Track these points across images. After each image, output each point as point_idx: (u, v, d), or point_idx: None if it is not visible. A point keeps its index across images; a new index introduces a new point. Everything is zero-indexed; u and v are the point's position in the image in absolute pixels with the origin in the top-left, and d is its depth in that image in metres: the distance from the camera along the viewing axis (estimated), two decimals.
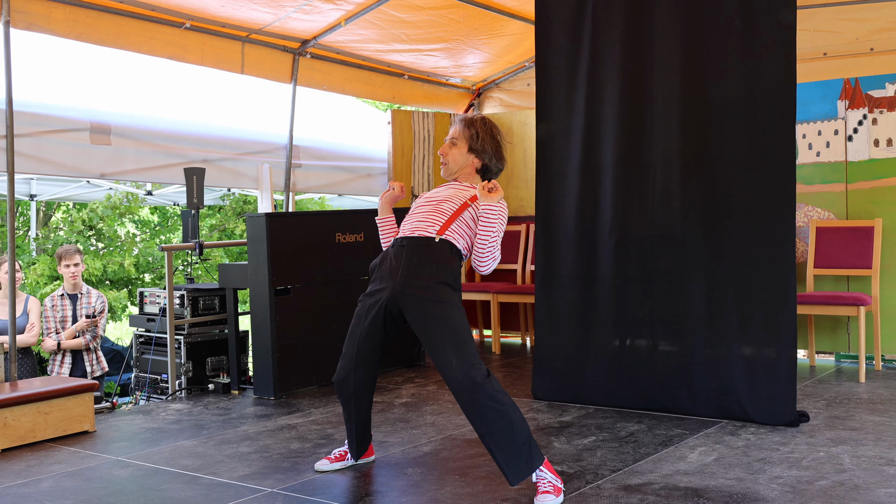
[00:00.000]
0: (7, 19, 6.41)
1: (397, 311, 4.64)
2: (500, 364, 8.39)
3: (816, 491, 4.42)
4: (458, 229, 4.72)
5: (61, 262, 8.10)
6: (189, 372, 7.39)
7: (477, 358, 4.38)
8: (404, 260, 4.66)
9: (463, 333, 4.45)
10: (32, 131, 7.04)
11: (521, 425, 4.32)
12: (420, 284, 4.57)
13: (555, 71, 6.72)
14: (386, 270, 4.73)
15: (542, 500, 4.27)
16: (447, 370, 4.36)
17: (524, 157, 9.83)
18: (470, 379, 4.29)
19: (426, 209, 4.81)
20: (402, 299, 4.58)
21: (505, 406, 4.31)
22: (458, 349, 4.37)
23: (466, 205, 4.78)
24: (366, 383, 4.82)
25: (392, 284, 4.63)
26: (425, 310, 4.52)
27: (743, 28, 5.96)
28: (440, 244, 4.66)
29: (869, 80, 7.78)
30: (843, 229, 7.71)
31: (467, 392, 4.30)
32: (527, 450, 4.31)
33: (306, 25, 8.41)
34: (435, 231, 4.69)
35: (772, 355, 5.83)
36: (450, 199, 4.81)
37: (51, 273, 11.49)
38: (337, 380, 4.83)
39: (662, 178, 6.26)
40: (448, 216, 4.73)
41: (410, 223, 4.81)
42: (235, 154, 8.58)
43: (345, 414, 4.95)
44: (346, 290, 7.50)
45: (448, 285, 4.60)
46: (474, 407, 4.30)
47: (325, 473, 4.97)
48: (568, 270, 6.62)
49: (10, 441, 5.68)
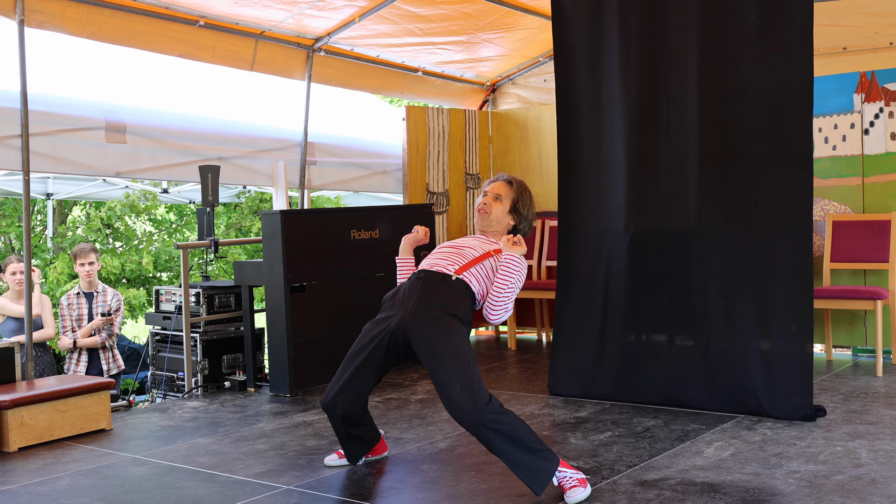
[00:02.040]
0: (21, 18, 6.43)
1: (403, 341, 4.65)
2: (516, 360, 8.38)
3: (833, 486, 4.40)
4: (476, 273, 4.79)
5: (76, 260, 8.14)
6: (205, 369, 7.40)
7: (482, 385, 4.40)
8: (418, 291, 4.72)
9: (467, 362, 4.46)
10: (48, 130, 7.05)
11: (528, 436, 4.35)
12: (430, 314, 4.61)
13: (574, 68, 6.72)
14: (399, 299, 4.79)
15: (572, 494, 4.29)
16: (451, 397, 4.37)
17: (539, 153, 9.81)
18: (474, 406, 4.30)
19: (448, 251, 4.91)
20: (409, 326, 4.60)
21: (509, 425, 4.33)
22: (462, 377, 4.39)
23: (489, 254, 4.86)
24: (355, 406, 4.83)
25: (402, 312, 4.67)
26: (432, 338, 4.55)
27: (759, 22, 5.93)
28: (456, 282, 4.73)
29: (885, 73, 7.74)
30: (859, 223, 7.67)
31: (471, 419, 4.32)
32: (541, 458, 4.34)
33: (320, 22, 8.41)
34: (454, 270, 4.76)
35: (788, 350, 5.81)
36: (474, 247, 4.90)
37: (70, 271, 11.55)
38: (324, 400, 4.84)
39: (679, 173, 6.24)
40: (469, 260, 4.81)
41: (430, 260, 4.89)
42: (250, 151, 8.58)
43: (334, 429, 4.98)
44: (362, 286, 7.50)
45: (458, 318, 4.65)
46: (480, 432, 4.34)
47: (334, 469, 5.00)
48: (586, 266, 6.62)
49: (28, 439, 5.71)
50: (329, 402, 4.81)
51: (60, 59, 8.30)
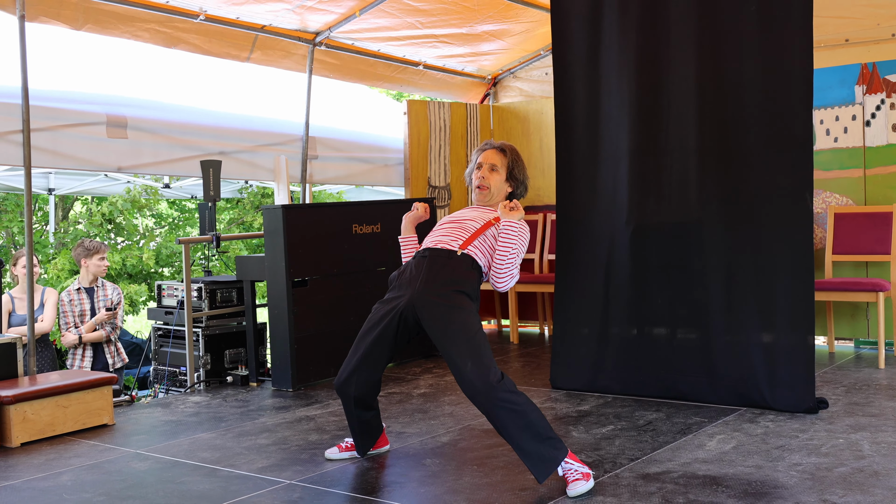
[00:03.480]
0: (22, 13, 6.42)
1: (413, 319, 4.66)
2: (518, 354, 8.38)
3: (836, 478, 4.40)
4: (480, 246, 4.80)
5: (95, 255, 8.09)
6: (207, 364, 7.41)
7: (493, 362, 4.40)
8: (425, 269, 4.73)
9: (479, 339, 4.47)
10: (49, 125, 7.05)
11: (540, 422, 4.34)
12: (438, 292, 4.62)
13: (572, 60, 6.70)
14: (406, 279, 4.79)
15: (573, 487, 4.28)
16: (463, 374, 4.38)
17: (541, 146, 9.81)
18: (486, 382, 4.31)
19: (450, 226, 4.91)
20: (419, 305, 4.61)
21: (521, 406, 4.32)
22: (473, 354, 4.39)
23: (490, 223, 4.87)
24: (369, 387, 4.83)
25: (410, 291, 4.68)
26: (442, 315, 4.56)
27: (759, 12, 5.92)
28: (462, 258, 4.74)
29: (887, 64, 7.72)
30: (861, 215, 7.66)
31: (483, 395, 4.32)
32: (549, 446, 4.33)
33: (321, 16, 8.40)
34: (458, 245, 4.77)
35: (790, 342, 5.81)
36: (474, 219, 4.91)
37: (71, 267, 11.53)
38: (338, 382, 4.84)
39: (679, 165, 6.23)
40: (471, 233, 4.82)
41: (433, 237, 4.90)
42: (252, 146, 8.57)
43: (346, 414, 4.98)
44: (364, 281, 7.51)
45: (466, 294, 4.66)
46: (492, 410, 4.34)
47: (336, 463, 5.00)
48: (586, 259, 6.61)
49: (30, 435, 5.71)
50: (342, 382, 4.81)
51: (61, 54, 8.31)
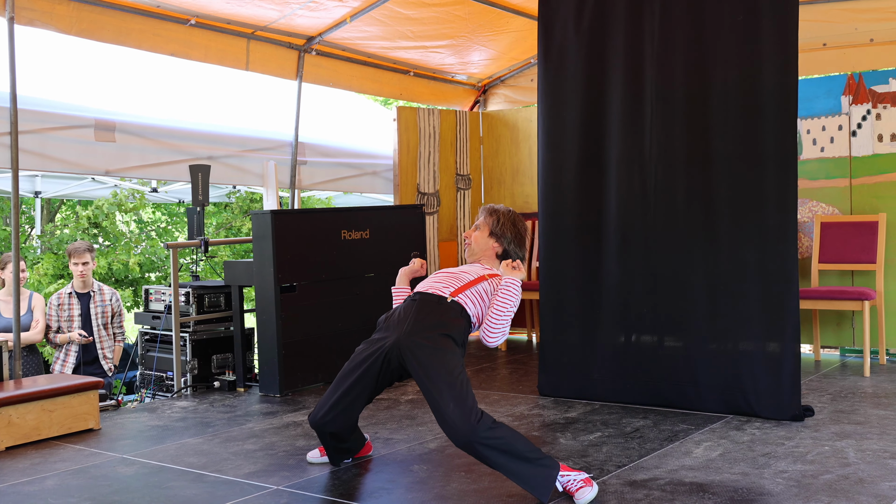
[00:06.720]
0: (11, 16, 6.40)
1: (397, 361, 4.67)
2: (506, 360, 8.39)
3: (821, 485, 4.42)
4: (471, 296, 4.85)
5: (70, 258, 7.96)
6: (194, 369, 7.39)
7: (475, 404, 4.38)
8: (413, 312, 4.76)
9: (461, 381, 4.46)
10: (37, 128, 7.04)
11: (525, 446, 4.35)
12: (425, 335, 4.64)
13: (556, 67, 6.71)
14: (394, 321, 4.82)
15: (581, 496, 4.28)
16: (445, 416, 4.37)
17: (529, 153, 9.82)
18: (467, 423, 4.29)
19: (444, 275, 4.98)
20: (404, 346, 4.62)
21: (503, 439, 4.32)
22: (456, 397, 4.38)
23: (484, 277, 4.94)
24: (345, 424, 4.84)
25: (397, 333, 4.70)
26: (426, 357, 4.56)
27: (745, 22, 5.95)
28: (451, 304, 4.78)
29: (872, 74, 7.77)
30: (847, 224, 7.70)
31: (465, 437, 4.30)
32: (540, 465, 4.33)
33: (312, 22, 8.41)
34: (449, 293, 4.82)
35: (776, 350, 5.83)
36: (469, 272, 4.99)
37: (55, 272, 11.47)
38: (313, 418, 4.83)
39: (664, 173, 6.25)
40: (464, 283, 4.88)
41: (426, 284, 4.95)
42: (241, 151, 8.57)
43: (321, 441, 4.98)
44: (352, 286, 7.50)
45: (452, 339, 4.67)
46: (476, 450, 4.33)
47: (322, 468, 5.00)
48: (572, 267, 6.62)
49: (15, 439, 5.69)
50: (318, 420, 4.80)
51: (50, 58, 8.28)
